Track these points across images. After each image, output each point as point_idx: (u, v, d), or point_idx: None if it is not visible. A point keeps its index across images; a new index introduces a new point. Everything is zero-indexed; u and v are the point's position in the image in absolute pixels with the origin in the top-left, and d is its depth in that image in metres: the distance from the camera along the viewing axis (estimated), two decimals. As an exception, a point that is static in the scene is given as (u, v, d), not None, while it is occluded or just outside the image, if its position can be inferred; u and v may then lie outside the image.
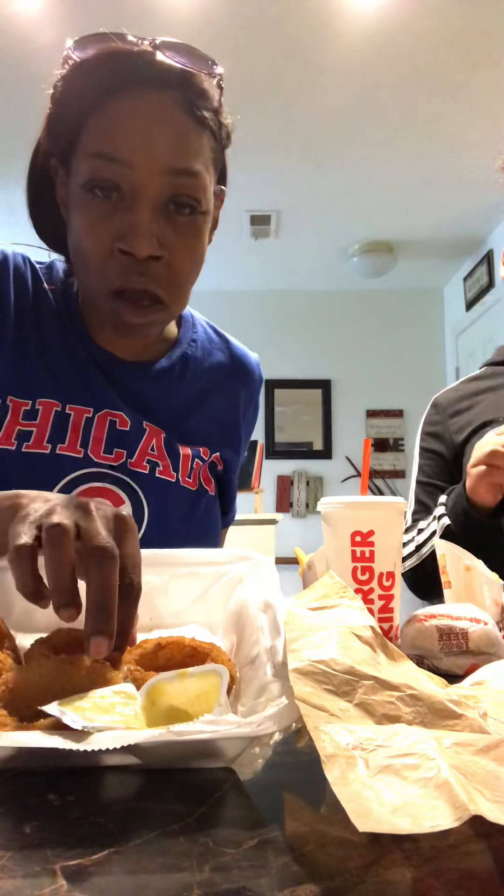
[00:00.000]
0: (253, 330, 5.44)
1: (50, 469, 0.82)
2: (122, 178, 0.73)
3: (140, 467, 0.87)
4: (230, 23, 2.66)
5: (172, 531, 0.88)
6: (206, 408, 0.97)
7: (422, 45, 2.78)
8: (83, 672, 0.49)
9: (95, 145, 0.74)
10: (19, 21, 2.62)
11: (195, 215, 0.78)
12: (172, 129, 0.74)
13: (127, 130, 0.73)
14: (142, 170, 0.73)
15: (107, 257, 0.75)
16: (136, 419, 0.88)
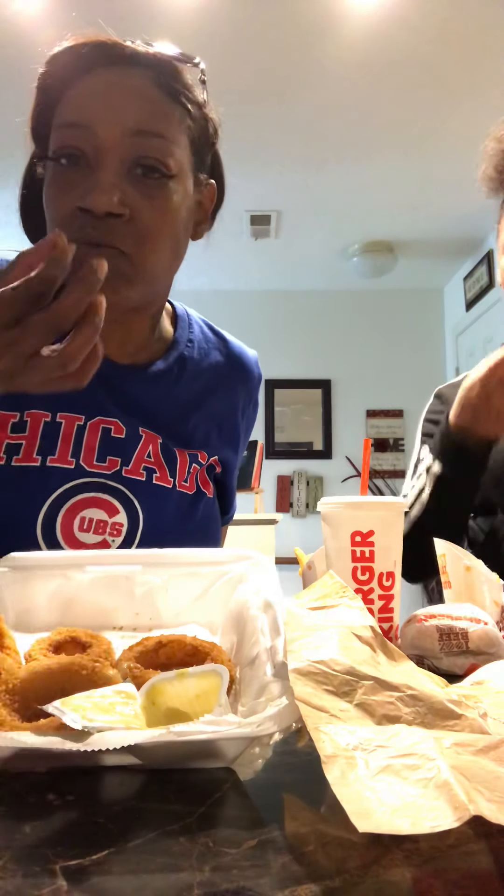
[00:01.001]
0: (253, 330, 5.44)
1: (40, 482, 0.80)
2: (86, 142, 0.72)
3: (136, 475, 0.85)
4: (230, 22, 2.65)
5: (169, 537, 0.84)
6: (205, 409, 0.95)
7: (422, 44, 2.78)
8: (83, 672, 0.49)
9: (62, 117, 0.74)
10: (19, 21, 2.62)
11: (164, 180, 0.74)
12: (138, 95, 0.73)
13: (91, 98, 0.72)
14: (103, 131, 0.71)
15: (70, 218, 0.72)
16: (131, 425, 0.86)
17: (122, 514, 0.82)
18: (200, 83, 0.82)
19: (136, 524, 0.83)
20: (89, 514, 0.80)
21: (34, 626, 0.68)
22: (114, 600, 0.70)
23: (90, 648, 0.58)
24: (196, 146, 0.82)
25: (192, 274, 5.14)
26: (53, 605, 0.70)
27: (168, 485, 0.87)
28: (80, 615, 0.69)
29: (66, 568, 0.70)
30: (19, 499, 0.78)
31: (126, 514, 0.83)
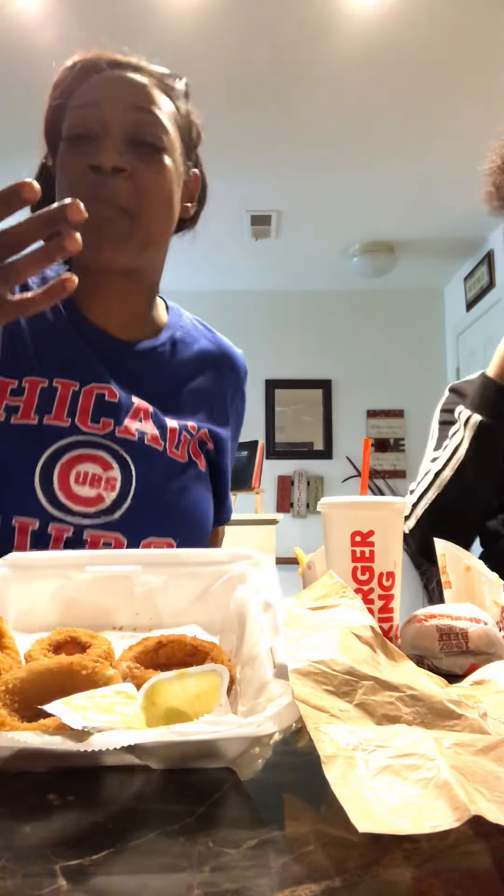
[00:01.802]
0: (253, 330, 5.45)
1: (37, 439, 0.85)
2: (94, 119, 0.85)
3: (128, 434, 0.90)
4: (230, 23, 2.66)
5: (161, 501, 0.89)
6: (195, 385, 1.01)
7: (422, 45, 2.78)
8: (83, 672, 0.49)
9: (75, 102, 0.88)
10: (19, 21, 2.62)
11: (158, 151, 0.87)
12: (135, 84, 0.88)
13: (99, 86, 0.87)
14: (108, 108, 0.85)
15: (81, 178, 0.85)
16: (124, 392, 0.92)
17: (115, 469, 0.87)
18: (185, 95, 0.96)
19: (129, 480, 0.88)
20: (84, 468, 0.85)
21: (34, 626, 0.68)
22: (114, 600, 0.70)
23: (90, 648, 0.58)
24: (183, 137, 0.94)
25: (192, 274, 5.15)
26: (53, 605, 0.70)
27: (159, 447, 0.92)
28: (80, 615, 0.69)
29: (66, 568, 0.70)
30: (18, 452, 0.83)
31: (120, 470, 0.87)
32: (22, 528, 0.83)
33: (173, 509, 0.90)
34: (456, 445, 1.21)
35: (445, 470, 1.22)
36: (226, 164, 3.63)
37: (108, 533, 0.85)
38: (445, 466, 1.22)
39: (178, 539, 0.90)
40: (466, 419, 1.20)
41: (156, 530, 0.88)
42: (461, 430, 1.21)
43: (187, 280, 5.24)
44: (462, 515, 1.23)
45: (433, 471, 1.24)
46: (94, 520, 0.85)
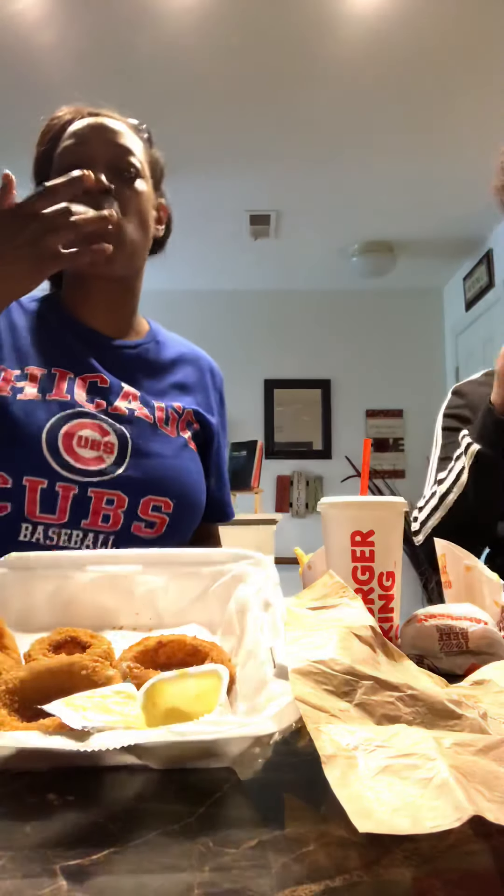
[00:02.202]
0: (252, 330, 5.45)
1: (43, 410, 0.96)
2: (84, 153, 1.01)
3: (120, 411, 1.02)
4: (229, 22, 2.65)
5: (155, 464, 1.00)
6: (177, 378, 1.14)
7: (422, 44, 2.78)
8: (83, 672, 0.49)
9: (64, 141, 1.04)
10: (20, 21, 2.62)
11: (134, 177, 1.04)
12: (113, 127, 1.05)
13: (83, 128, 1.04)
14: (95, 142, 1.02)
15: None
16: (114, 380, 1.04)
17: (112, 435, 0.98)
18: (149, 142, 1.13)
19: (125, 445, 0.99)
20: (85, 433, 0.97)
21: (34, 626, 0.68)
22: (114, 600, 0.70)
23: (90, 648, 0.58)
24: (153, 172, 1.11)
25: (191, 274, 5.14)
26: (53, 605, 0.70)
27: (149, 420, 1.04)
28: (80, 615, 0.69)
29: (66, 568, 0.70)
30: (25, 419, 0.95)
31: (116, 436, 0.99)
32: (32, 486, 0.92)
33: (168, 472, 1.01)
34: (459, 471, 1.23)
35: (450, 494, 1.24)
36: (225, 163, 3.63)
37: (111, 491, 0.95)
38: (450, 490, 1.24)
39: (174, 500, 1.00)
40: (467, 446, 1.22)
41: (153, 490, 0.98)
42: (463, 456, 1.23)
43: (186, 280, 5.24)
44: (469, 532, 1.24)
45: (439, 493, 1.27)
46: (97, 478, 0.95)
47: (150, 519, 0.98)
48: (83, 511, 0.94)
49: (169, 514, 0.99)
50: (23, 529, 0.92)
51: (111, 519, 0.95)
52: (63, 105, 1.12)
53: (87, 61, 2.85)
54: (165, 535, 0.99)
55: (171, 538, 1.00)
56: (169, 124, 3.32)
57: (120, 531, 0.96)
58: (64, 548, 0.93)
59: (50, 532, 0.93)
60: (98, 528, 0.95)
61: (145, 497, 0.97)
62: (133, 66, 2.89)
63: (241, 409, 5.26)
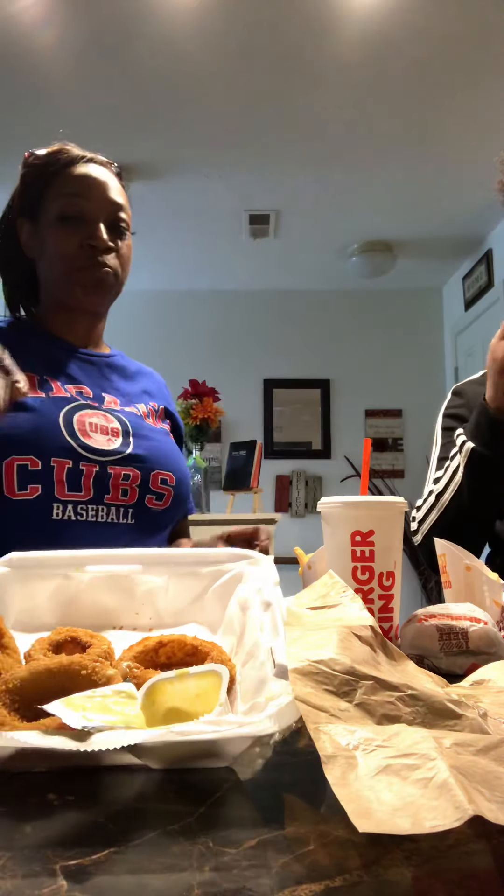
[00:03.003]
0: (252, 330, 5.45)
1: (52, 403, 1.06)
2: (83, 207, 1.12)
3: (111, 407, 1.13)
4: (229, 23, 2.65)
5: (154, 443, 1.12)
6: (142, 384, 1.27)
7: (422, 45, 2.78)
8: (83, 672, 0.49)
9: (62, 190, 1.12)
10: (20, 21, 2.62)
11: (126, 231, 1.17)
12: (109, 181, 1.15)
13: (84, 179, 1.13)
14: (95, 200, 1.12)
15: (79, 251, 1.12)
16: (95, 391, 1.14)
17: (115, 422, 1.10)
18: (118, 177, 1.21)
19: (127, 428, 1.10)
20: (94, 420, 1.08)
21: (34, 626, 0.68)
22: (114, 600, 0.70)
23: (90, 648, 0.58)
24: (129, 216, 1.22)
25: (191, 274, 5.14)
26: (54, 605, 0.70)
27: (136, 413, 1.16)
28: (80, 615, 0.69)
29: (66, 568, 0.70)
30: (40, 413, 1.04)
31: (118, 422, 1.10)
32: (60, 467, 1.01)
33: (165, 450, 1.13)
34: (454, 469, 1.25)
35: (445, 493, 1.26)
36: (224, 163, 3.63)
37: (125, 467, 1.06)
38: (445, 489, 1.26)
39: (176, 475, 1.13)
40: (462, 444, 1.23)
41: (159, 465, 1.10)
42: (458, 455, 1.24)
43: (186, 280, 5.24)
44: (466, 531, 1.25)
45: (435, 492, 1.28)
46: (113, 456, 1.06)
47: (160, 491, 1.10)
48: (105, 487, 1.04)
49: (173, 486, 1.11)
50: (55, 509, 1.00)
51: (129, 493, 1.06)
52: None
53: (87, 61, 2.85)
54: (171, 506, 1.12)
55: (175, 510, 1.13)
56: (169, 124, 3.32)
57: (136, 504, 1.07)
58: (93, 522, 1.03)
59: (79, 508, 1.02)
60: (119, 502, 1.05)
61: (154, 471, 1.09)
62: (133, 66, 2.88)
63: (241, 408, 5.26)
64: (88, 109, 3.16)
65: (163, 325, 5.28)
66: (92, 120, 3.23)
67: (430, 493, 1.29)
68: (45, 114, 3.14)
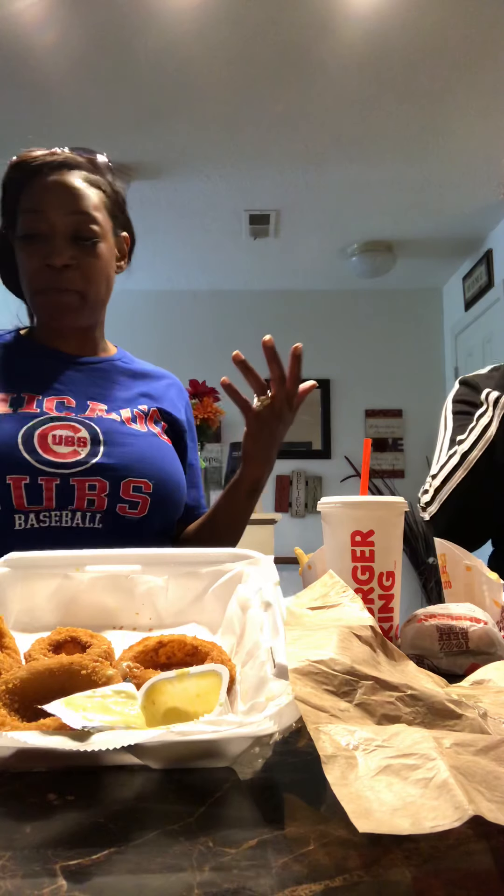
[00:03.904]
0: (252, 330, 5.43)
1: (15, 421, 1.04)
2: (43, 224, 1.08)
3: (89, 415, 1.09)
4: (229, 23, 2.65)
5: (129, 450, 1.06)
6: (144, 387, 1.22)
7: (422, 44, 2.77)
8: (83, 672, 0.49)
9: (25, 205, 1.10)
10: (20, 21, 2.62)
11: (94, 242, 1.11)
12: (70, 189, 1.09)
13: (42, 194, 1.09)
14: (52, 214, 1.08)
15: (39, 272, 1.09)
16: (80, 399, 1.11)
17: (83, 431, 1.06)
18: (108, 168, 1.18)
19: (97, 437, 1.06)
20: (58, 432, 1.04)
21: (34, 626, 0.68)
22: (114, 600, 0.70)
23: (90, 648, 0.58)
24: (112, 213, 1.16)
25: (190, 273, 5.14)
26: (54, 605, 0.70)
27: (117, 419, 1.11)
28: (80, 615, 0.69)
29: (66, 568, 0.70)
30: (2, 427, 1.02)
31: (87, 432, 1.06)
32: (15, 484, 0.99)
33: (142, 455, 1.07)
34: (485, 426, 1.21)
35: (474, 450, 1.21)
36: (224, 163, 3.63)
37: (91, 478, 1.02)
38: (474, 447, 1.21)
39: (153, 480, 1.06)
40: (496, 399, 1.20)
41: (130, 473, 1.05)
42: (489, 410, 1.21)
43: (185, 280, 5.24)
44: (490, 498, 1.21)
45: (460, 451, 1.23)
46: (76, 468, 1.02)
47: (133, 499, 1.04)
48: (69, 498, 1.01)
49: (150, 493, 1.05)
50: (16, 520, 0.99)
51: (96, 502, 1.02)
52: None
53: (87, 61, 2.85)
54: (150, 515, 1.06)
55: (155, 518, 1.07)
56: (169, 124, 3.32)
57: (106, 512, 1.02)
58: (56, 528, 0.99)
59: (41, 516, 1.00)
60: (85, 510, 1.02)
61: (124, 480, 1.04)
62: (133, 66, 2.88)
63: (241, 409, 5.25)
64: (88, 109, 3.16)
65: (163, 325, 5.28)
66: (92, 120, 3.23)
67: (453, 453, 1.24)
68: (45, 114, 3.14)
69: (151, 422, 1.16)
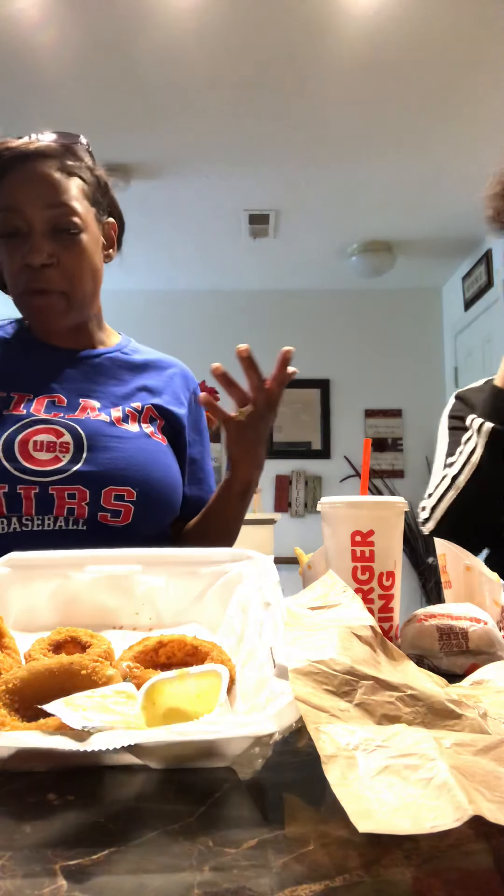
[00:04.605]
0: (251, 329, 5.44)
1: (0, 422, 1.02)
2: (19, 220, 1.03)
3: (76, 417, 1.06)
4: (229, 22, 2.65)
5: (113, 456, 1.03)
6: (144, 379, 1.17)
7: (422, 44, 2.77)
8: (83, 672, 0.49)
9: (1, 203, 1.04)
10: (20, 21, 2.62)
11: (75, 234, 1.05)
12: (45, 181, 1.03)
13: (16, 188, 1.03)
14: (29, 210, 1.02)
15: (20, 272, 1.05)
16: (72, 398, 1.08)
17: (67, 436, 1.02)
18: (88, 152, 1.12)
19: (80, 443, 1.02)
20: (41, 437, 1.01)
21: (34, 626, 0.68)
22: (114, 600, 0.70)
23: (90, 648, 0.58)
24: (94, 200, 1.11)
25: (190, 274, 5.14)
26: (54, 605, 0.70)
27: (105, 420, 1.07)
28: (80, 615, 0.69)
29: (66, 568, 0.70)
30: None
31: (71, 437, 1.02)
32: None
33: (127, 462, 1.03)
34: (470, 451, 1.26)
35: (461, 475, 1.26)
36: (224, 163, 3.63)
37: (71, 486, 0.99)
38: (461, 471, 1.26)
39: (136, 488, 1.02)
40: (479, 426, 1.25)
41: (112, 481, 1.01)
42: (474, 436, 1.26)
43: (185, 280, 5.24)
44: (479, 516, 1.27)
45: (450, 475, 1.29)
46: (55, 476, 0.99)
47: (115, 508, 1.01)
48: (48, 507, 0.98)
49: (133, 502, 1.02)
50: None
51: (76, 511, 0.99)
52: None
53: (87, 61, 2.85)
54: (134, 522, 1.02)
55: (141, 525, 1.02)
56: (169, 124, 3.32)
57: (88, 520, 0.99)
58: (39, 531, 0.98)
59: (24, 520, 0.98)
60: (66, 517, 0.99)
61: (106, 488, 1.00)
62: (133, 66, 2.88)
63: (241, 408, 5.25)
64: (89, 109, 3.16)
65: (163, 324, 5.28)
66: (92, 120, 3.23)
67: (444, 477, 1.30)
68: (45, 113, 3.14)
69: (146, 420, 1.12)
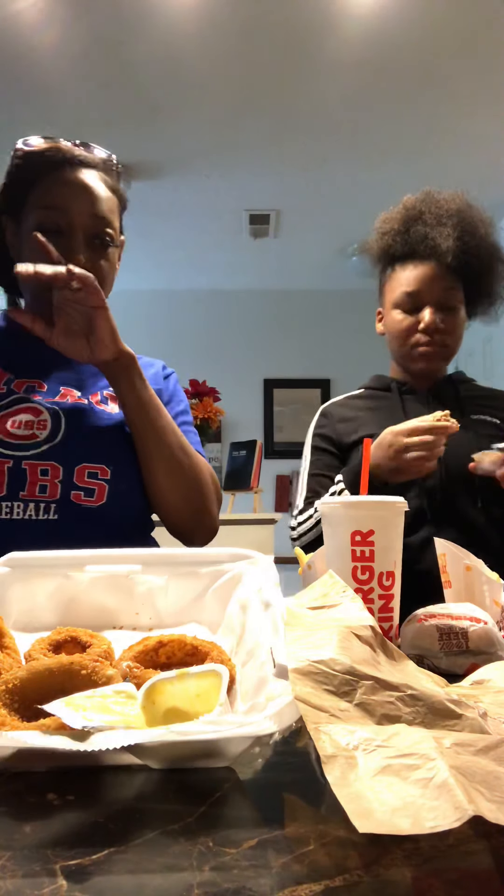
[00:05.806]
0: (252, 330, 5.44)
1: None
2: (62, 220, 1.06)
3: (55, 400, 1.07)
4: (229, 22, 2.65)
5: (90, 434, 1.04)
6: None
7: (422, 44, 2.77)
8: (83, 672, 0.49)
9: (43, 200, 1.07)
10: (20, 21, 2.62)
11: (108, 247, 1.11)
12: (92, 191, 1.08)
13: (64, 189, 1.07)
14: (74, 214, 1.06)
15: None
16: (52, 384, 1.09)
17: (45, 414, 1.04)
18: (116, 172, 1.17)
19: (59, 421, 1.03)
20: (20, 417, 1.02)
21: (34, 626, 0.68)
22: (114, 600, 0.70)
23: (90, 648, 0.58)
24: (120, 218, 1.17)
25: (191, 274, 5.14)
26: (54, 605, 0.70)
27: (84, 403, 1.08)
28: (80, 615, 0.69)
29: (66, 568, 0.70)
30: None
31: (49, 414, 1.04)
32: None
33: (103, 440, 1.04)
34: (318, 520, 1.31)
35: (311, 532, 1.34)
36: (224, 163, 3.63)
37: (44, 462, 0.99)
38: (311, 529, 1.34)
39: (111, 466, 1.02)
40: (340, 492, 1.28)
41: (88, 458, 1.01)
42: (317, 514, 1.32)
43: (186, 280, 5.24)
44: None
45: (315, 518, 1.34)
46: (29, 451, 1.00)
47: (88, 486, 1.00)
48: (20, 483, 0.97)
49: (107, 480, 1.01)
50: None
51: (48, 489, 0.98)
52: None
53: (87, 61, 2.85)
54: (109, 503, 1.00)
55: (115, 506, 1.01)
56: (169, 124, 3.32)
57: (60, 500, 0.98)
58: (7, 520, 0.96)
59: None
60: (37, 497, 0.97)
61: (79, 465, 1.00)
62: (133, 67, 2.88)
63: (241, 408, 5.25)
64: (88, 109, 3.16)
65: (163, 324, 5.28)
66: (92, 120, 3.23)
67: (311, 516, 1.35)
68: (45, 113, 3.14)
69: None
